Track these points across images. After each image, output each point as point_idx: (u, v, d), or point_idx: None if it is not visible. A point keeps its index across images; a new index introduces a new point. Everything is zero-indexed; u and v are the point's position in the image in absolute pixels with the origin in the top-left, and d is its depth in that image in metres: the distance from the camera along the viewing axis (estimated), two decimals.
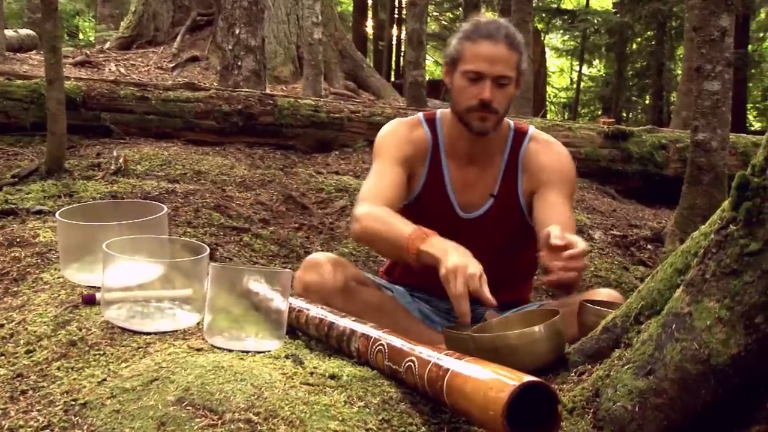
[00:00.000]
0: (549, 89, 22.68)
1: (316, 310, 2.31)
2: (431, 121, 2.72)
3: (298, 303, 2.38)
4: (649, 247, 5.17)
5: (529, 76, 10.13)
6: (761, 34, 17.80)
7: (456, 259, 2.11)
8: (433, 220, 2.44)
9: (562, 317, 1.99)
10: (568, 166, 2.66)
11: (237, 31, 8.37)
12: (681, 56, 14.45)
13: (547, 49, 20.85)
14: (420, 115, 2.76)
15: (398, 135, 2.70)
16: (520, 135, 2.69)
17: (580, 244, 2.11)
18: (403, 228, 2.32)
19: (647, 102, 19.62)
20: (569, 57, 23.96)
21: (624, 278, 4.49)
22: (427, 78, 11.83)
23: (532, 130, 2.72)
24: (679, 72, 14.22)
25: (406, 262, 2.30)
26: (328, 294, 2.46)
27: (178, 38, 12.98)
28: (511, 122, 2.72)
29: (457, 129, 2.63)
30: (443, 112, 2.73)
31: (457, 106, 2.57)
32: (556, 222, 2.36)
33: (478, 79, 2.49)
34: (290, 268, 3.53)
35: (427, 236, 2.26)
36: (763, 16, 17.70)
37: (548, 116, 18.45)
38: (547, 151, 2.67)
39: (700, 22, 4.68)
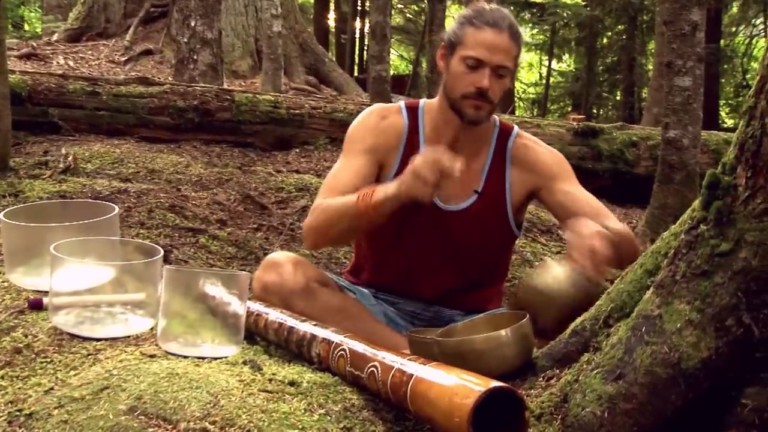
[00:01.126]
0: (517, 85, 22.82)
1: (275, 314, 2.30)
2: (412, 109, 2.72)
3: (257, 307, 2.38)
4: None
5: None
6: (733, 29, 18.01)
7: (412, 169, 2.20)
8: (410, 210, 2.43)
9: (530, 320, 2.00)
10: (562, 158, 2.71)
11: (193, 24, 8.32)
12: (652, 51, 14.61)
13: None
14: (402, 102, 2.77)
15: (366, 124, 2.71)
16: (506, 131, 2.71)
17: (603, 235, 2.16)
18: (349, 199, 2.40)
19: (618, 98, 19.79)
20: (538, 51, 24.09)
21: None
22: (391, 73, 11.85)
23: (517, 128, 2.75)
24: (651, 67, 14.37)
25: (373, 227, 2.41)
26: (288, 295, 2.45)
27: (131, 30, 12.88)
28: (497, 118, 2.74)
29: (444, 116, 2.62)
30: (428, 101, 2.74)
31: (452, 93, 2.56)
32: (582, 209, 2.47)
33: (478, 66, 2.50)
34: (248, 271, 3.51)
35: (372, 190, 2.35)
36: (735, 9, 17.93)
37: (517, 112, 18.57)
38: (537, 147, 2.71)
39: (670, 16, 4.74)
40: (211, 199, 4.68)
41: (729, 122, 18.87)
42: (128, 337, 2.14)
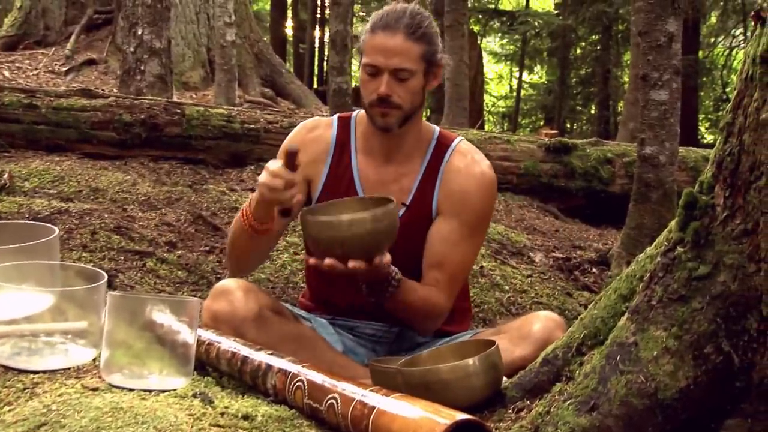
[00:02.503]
0: (486, 98, 22.96)
1: (227, 343, 2.29)
2: (345, 119, 2.79)
3: (208, 335, 2.36)
4: (594, 270, 5.26)
5: (464, 83, 10.24)
6: (712, 39, 18.28)
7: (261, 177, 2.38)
8: None
9: (498, 348, 2.01)
10: (484, 193, 2.68)
11: (139, 32, 8.29)
12: (628, 62, 14.79)
13: (484, 54, 21.12)
14: (336, 115, 2.82)
15: (292, 140, 2.80)
16: (444, 144, 2.73)
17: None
18: (238, 217, 2.56)
19: (593, 112, 19.99)
20: (508, 62, 24.29)
21: (567, 305, 4.56)
22: (353, 85, 11.88)
23: (458, 141, 2.75)
24: (627, 79, 14.54)
25: (264, 242, 2.59)
26: (239, 324, 2.44)
27: (72, 38, 12.79)
28: (437, 129, 2.76)
29: (371, 126, 2.69)
30: (362, 111, 2.78)
31: (362, 102, 2.63)
32: (433, 254, 2.58)
33: (377, 73, 2.55)
34: (199, 297, 3.49)
35: (249, 202, 2.49)
36: (713, 19, 18.20)
37: (486, 127, 18.67)
38: (468, 171, 2.69)
39: (645, 26, 4.80)
40: (159, 220, 4.65)
41: (709, 138, 19.12)
42: (68, 369, 2.12)
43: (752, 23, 1.56)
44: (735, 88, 1.59)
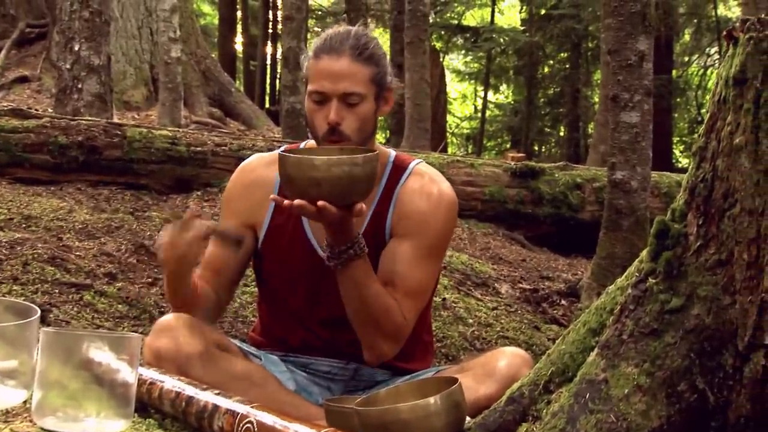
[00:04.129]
0: (450, 118, 23.04)
1: (171, 382, 2.28)
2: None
3: (150, 374, 2.35)
4: (563, 302, 5.30)
5: (426, 103, 10.28)
6: (686, 58, 18.55)
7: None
8: (291, 265, 2.60)
9: (461, 386, 2.01)
10: (441, 213, 2.68)
11: (76, 47, 8.25)
12: (599, 82, 14.95)
13: (447, 72, 21.25)
14: (282, 148, 2.79)
15: (233, 183, 2.83)
16: (400, 168, 2.72)
17: None
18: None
19: (562, 134, 20.17)
20: (473, 81, 24.45)
21: (535, 339, 4.58)
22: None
23: (416, 163, 2.74)
24: (597, 100, 14.69)
25: (188, 289, 2.57)
26: (184, 362, 2.43)
27: (2, 54, 12.70)
28: (393, 153, 2.76)
29: None
30: (311, 141, 2.76)
31: (313, 134, 2.62)
32: (387, 272, 2.55)
33: (324, 100, 2.55)
34: (141, 332, 3.47)
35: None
36: (687, 37, 18.48)
37: (449, 150, 18.74)
38: (424, 190, 2.68)
39: (615, 44, 4.87)
40: (98, 250, 4.62)
41: (683, 162, 19.32)
42: None
43: (725, 43, 1.60)
44: (708, 111, 1.62)
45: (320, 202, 2.26)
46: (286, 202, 2.33)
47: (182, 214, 2.44)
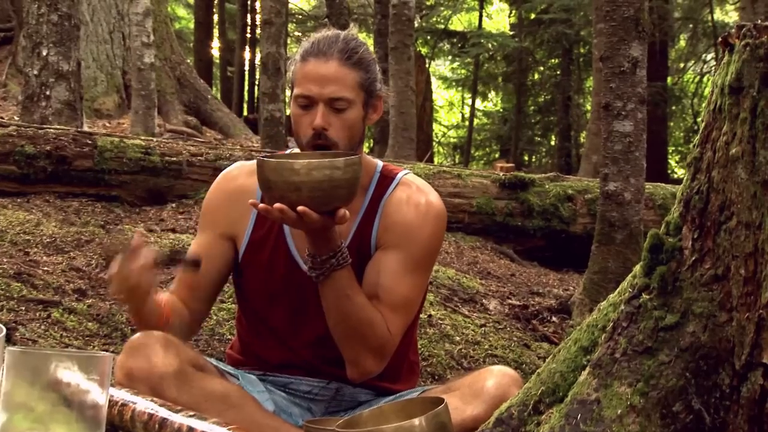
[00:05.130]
0: (436, 127, 23.11)
1: (144, 404, 2.27)
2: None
3: (122, 395, 2.34)
4: (553, 319, 5.30)
5: (411, 111, 10.29)
6: (682, 65, 18.62)
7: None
8: (272, 280, 2.59)
9: (447, 407, 2.01)
10: (429, 224, 2.68)
11: (44, 52, 8.24)
12: (591, 89, 15.00)
13: (433, 79, 21.31)
14: (261, 156, 2.80)
15: (213, 192, 2.82)
16: (387, 178, 2.72)
17: None
18: None
19: (552, 143, 20.21)
20: (460, 88, 24.48)
21: (524, 358, 4.59)
22: (286, 113, 11.90)
23: (404, 173, 2.75)
24: (589, 108, 14.74)
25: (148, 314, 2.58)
26: (158, 382, 2.42)
27: None
28: (380, 163, 2.77)
29: None
30: (295, 149, 2.77)
31: (298, 140, 2.62)
32: (371, 287, 2.54)
33: (310, 104, 2.55)
34: (112, 351, 3.45)
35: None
36: (682, 43, 18.56)
37: (435, 160, 18.78)
38: (411, 201, 2.69)
39: (607, 50, 4.89)
40: (67, 265, 4.61)
41: (679, 172, 19.37)
42: None
43: (721, 49, 1.60)
44: (703, 121, 1.62)
45: (300, 208, 2.26)
46: (261, 206, 2.33)
47: (124, 242, 2.43)
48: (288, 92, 2.98)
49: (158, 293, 2.58)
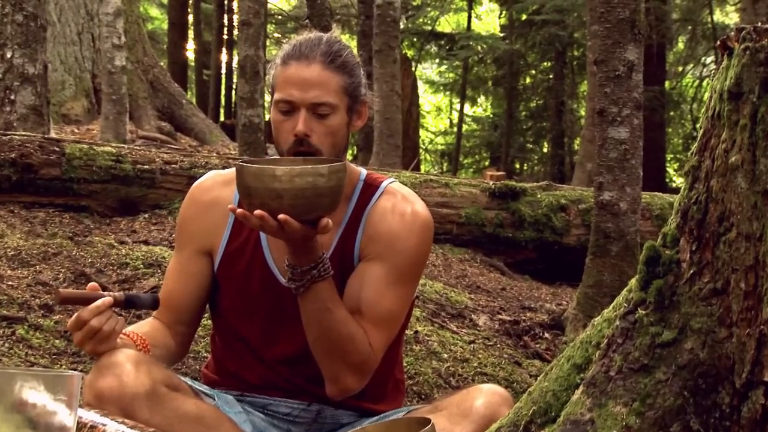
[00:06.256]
0: (423, 133, 23.10)
1: (114, 426, 2.27)
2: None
3: (91, 416, 2.34)
4: (546, 335, 5.31)
5: (397, 116, 10.30)
6: (680, 68, 18.67)
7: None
8: (248, 295, 2.60)
9: (434, 427, 2.01)
10: (415, 234, 2.68)
11: (8, 55, 8.22)
12: (585, 94, 15.04)
13: (419, 83, 21.32)
14: (241, 161, 2.80)
15: (186, 204, 2.81)
16: (372, 186, 2.72)
17: None
18: None
19: (545, 150, 20.25)
20: (448, 93, 24.53)
21: (515, 376, 4.59)
22: (265, 118, 11.90)
23: (389, 182, 2.75)
24: (584, 113, 14.78)
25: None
26: (129, 403, 2.41)
27: None
28: (364, 171, 2.77)
29: None
30: (274, 157, 2.77)
31: (278, 148, 2.61)
32: (353, 300, 2.53)
33: (292, 110, 2.55)
34: (81, 370, 3.44)
35: None
36: (681, 46, 18.62)
37: (422, 168, 18.77)
38: (396, 210, 2.68)
39: (602, 53, 4.90)
40: (32, 279, 4.60)
41: (678, 181, 19.41)
42: None
43: (719, 53, 1.61)
44: (701, 128, 1.63)
45: (281, 216, 2.25)
46: (239, 210, 2.32)
47: (75, 292, 2.45)
48: (267, 97, 2.98)
49: (129, 332, 2.57)
